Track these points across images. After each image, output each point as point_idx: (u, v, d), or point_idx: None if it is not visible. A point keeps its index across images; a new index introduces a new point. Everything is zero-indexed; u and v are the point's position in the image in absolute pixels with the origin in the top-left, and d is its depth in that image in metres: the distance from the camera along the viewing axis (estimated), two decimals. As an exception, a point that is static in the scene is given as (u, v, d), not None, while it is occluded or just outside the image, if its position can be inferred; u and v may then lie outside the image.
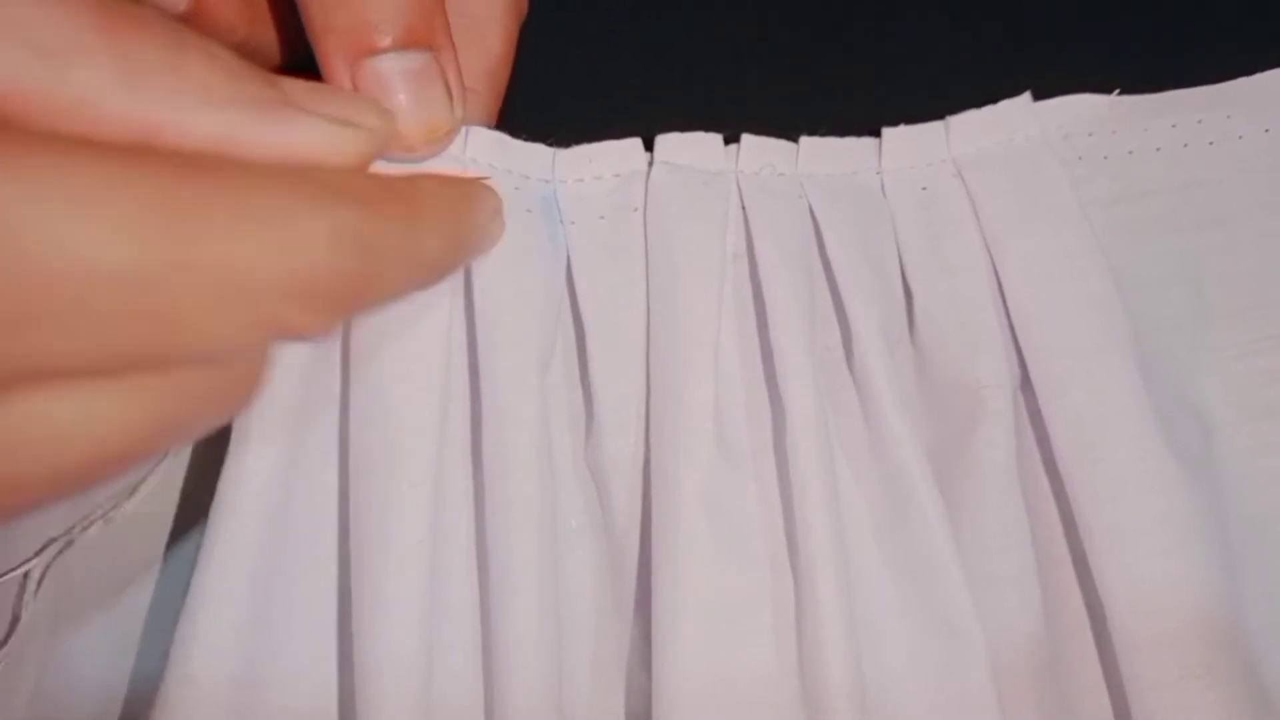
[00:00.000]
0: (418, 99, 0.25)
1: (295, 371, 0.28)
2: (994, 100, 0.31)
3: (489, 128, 0.29)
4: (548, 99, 0.32)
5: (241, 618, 0.27)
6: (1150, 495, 0.28)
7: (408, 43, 0.25)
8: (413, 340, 0.27)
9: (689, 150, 0.30)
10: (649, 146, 0.30)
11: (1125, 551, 0.28)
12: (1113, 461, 0.28)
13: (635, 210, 0.29)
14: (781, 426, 0.28)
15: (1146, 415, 0.28)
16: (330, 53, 0.25)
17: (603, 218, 0.30)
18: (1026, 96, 0.31)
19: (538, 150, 0.29)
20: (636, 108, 0.31)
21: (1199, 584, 0.28)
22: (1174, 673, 0.27)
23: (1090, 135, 0.31)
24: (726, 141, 0.30)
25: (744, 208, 0.29)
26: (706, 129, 0.30)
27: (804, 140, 0.30)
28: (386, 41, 0.25)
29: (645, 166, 0.30)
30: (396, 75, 0.25)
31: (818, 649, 0.27)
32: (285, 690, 0.28)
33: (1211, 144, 0.31)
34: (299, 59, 0.31)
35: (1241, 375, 0.31)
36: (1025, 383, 0.30)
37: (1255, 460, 0.31)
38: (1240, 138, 0.31)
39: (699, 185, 0.29)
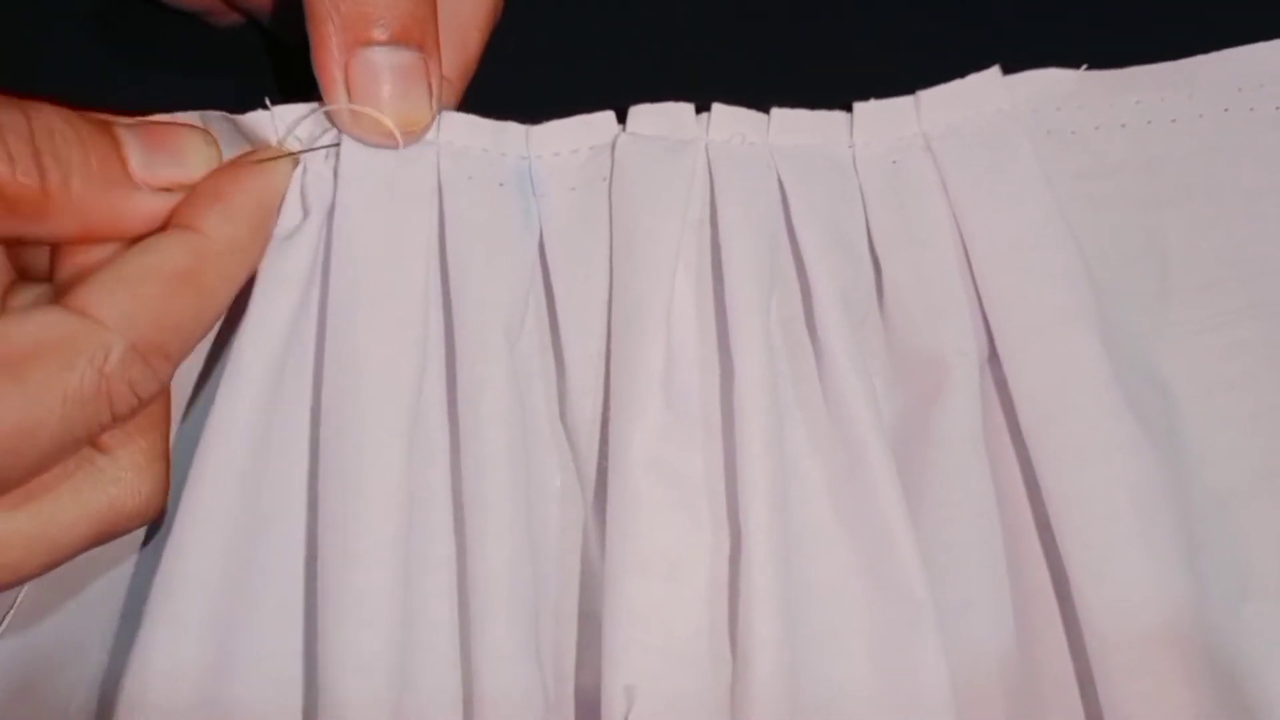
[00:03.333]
0: (401, 93, 0.27)
1: (273, 343, 0.28)
2: (965, 73, 0.31)
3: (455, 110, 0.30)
4: (531, 78, 0.33)
5: (211, 600, 0.27)
6: (1109, 461, 0.29)
7: (401, 40, 0.27)
8: (389, 306, 0.28)
9: (660, 120, 0.30)
10: (625, 120, 0.30)
11: (1084, 516, 0.29)
12: (1073, 428, 0.29)
13: (604, 180, 0.30)
14: (730, 387, 0.29)
15: (1108, 384, 0.29)
16: (327, 37, 0.27)
17: (574, 189, 0.30)
18: (996, 70, 0.31)
19: (511, 128, 0.30)
20: (616, 83, 0.32)
21: (1157, 547, 0.28)
22: (1134, 631, 0.28)
23: (1058, 110, 0.31)
24: (699, 111, 0.30)
25: (711, 175, 0.30)
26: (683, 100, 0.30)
27: (775, 111, 0.31)
28: (382, 36, 0.27)
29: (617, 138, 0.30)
30: (385, 68, 0.27)
31: (748, 606, 0.27)
32: (252, 673, 0.28)
33: (1174, 121, 0.32)
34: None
35: (1202, 349, 0.32)
36: (994, 354, 0.31)
37: (1216, 433, 0.31)
38: (1201, 116, 0.32)
39: (663, 153, 0.30)
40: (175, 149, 0.27)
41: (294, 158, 0.28)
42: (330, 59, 0.27)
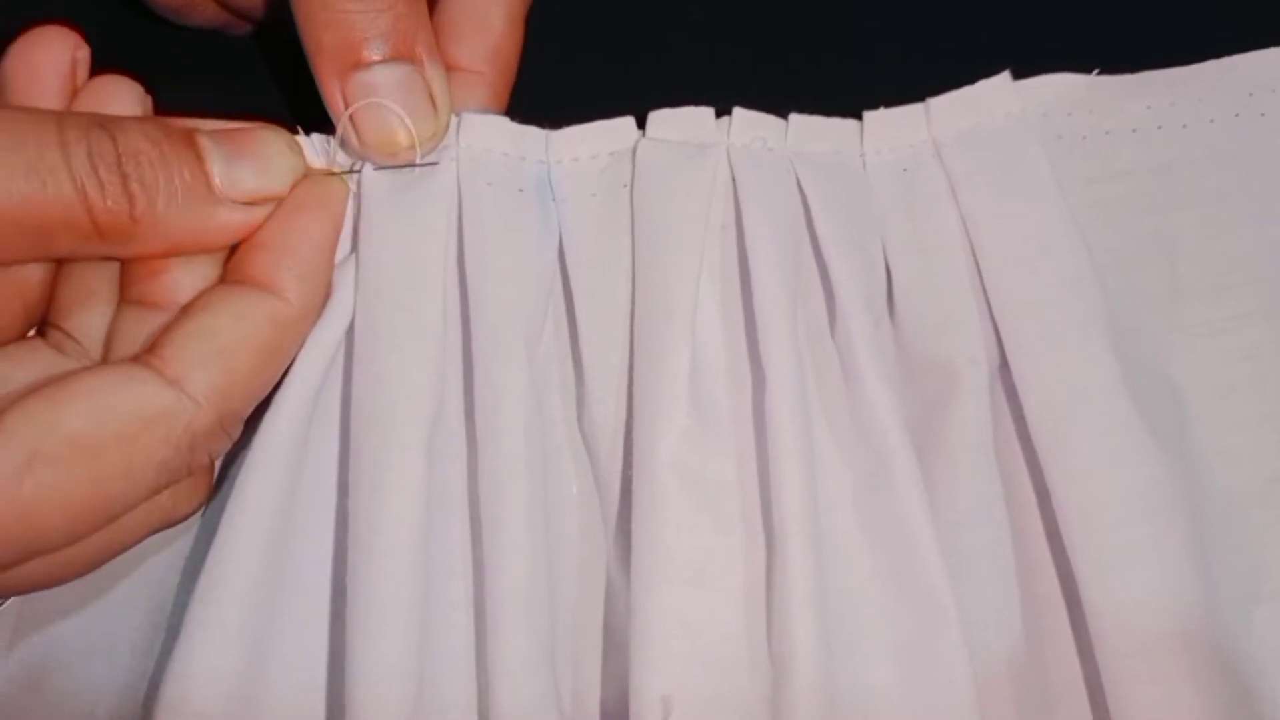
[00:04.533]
0: (403, 109, 0.28)
1: (317, 364, 0.28)
2: (975, 78, 0.31)
3: (499, 108, 0.30)
4: (551, 85, 0.32)
5: (249, 607, 0.27)
6: (1120, 469, 0.29)
7: (390, 56, 0.27)
8: (408, 314, 0.28)
9: (680, 125, 0.30)
10: (644, 124, 0.30)
11: (1095, 524, 0.29)
12: (1084, 436, 0.29)
13: (624, 186, 0.30)
14: (761, 393, 0.29)
15: (1118, 390, 0.29)
16: (322, 68, 0.28)
17: (594, 195, 0.30)
18: (1006, 75, 0.31)
19: (531, 132, 0.30)
20: (636, 89, 0.32)
21: (1168, 554, 0.28)
22: (1144, 639, 0.28)
23: (1069, 115, 0.32)
24: (719, 115, 0.30)
25: (734, 179, 0.30)
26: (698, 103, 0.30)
27: (793, 117, 0.31)
28: (371, 57, 0.27)
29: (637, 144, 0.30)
30: (380, 88, 0.27)
31: (785, 612, 0.27)
32: (282, 681, 0.28)
33: (1185, 127, 0.32)
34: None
35: (1212, 352, 0.32)
36: (1004, 362, 0.31)
37: (1227, 436, 0.31)
38: (1211, 121, 0.32)
39: (685, 158, 0.30)
40: (259, 157, 0.27)
41: (347, 190, 0.29)
42: (330, 89, 0.28)
